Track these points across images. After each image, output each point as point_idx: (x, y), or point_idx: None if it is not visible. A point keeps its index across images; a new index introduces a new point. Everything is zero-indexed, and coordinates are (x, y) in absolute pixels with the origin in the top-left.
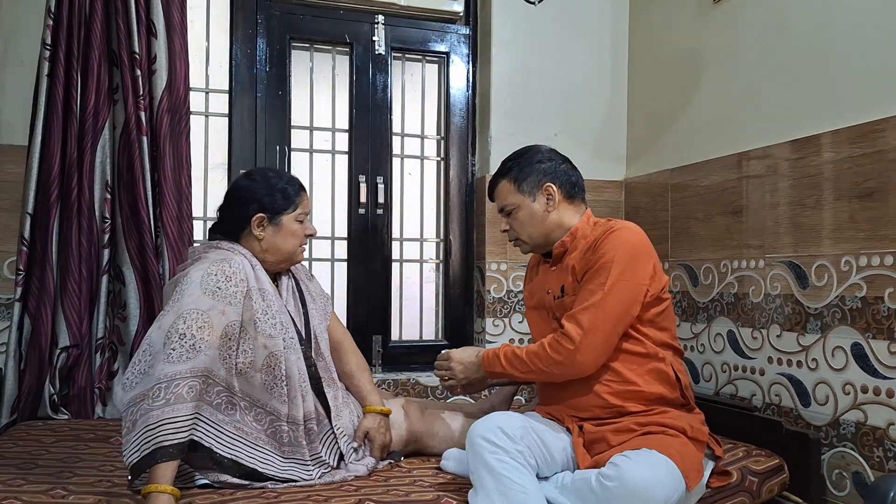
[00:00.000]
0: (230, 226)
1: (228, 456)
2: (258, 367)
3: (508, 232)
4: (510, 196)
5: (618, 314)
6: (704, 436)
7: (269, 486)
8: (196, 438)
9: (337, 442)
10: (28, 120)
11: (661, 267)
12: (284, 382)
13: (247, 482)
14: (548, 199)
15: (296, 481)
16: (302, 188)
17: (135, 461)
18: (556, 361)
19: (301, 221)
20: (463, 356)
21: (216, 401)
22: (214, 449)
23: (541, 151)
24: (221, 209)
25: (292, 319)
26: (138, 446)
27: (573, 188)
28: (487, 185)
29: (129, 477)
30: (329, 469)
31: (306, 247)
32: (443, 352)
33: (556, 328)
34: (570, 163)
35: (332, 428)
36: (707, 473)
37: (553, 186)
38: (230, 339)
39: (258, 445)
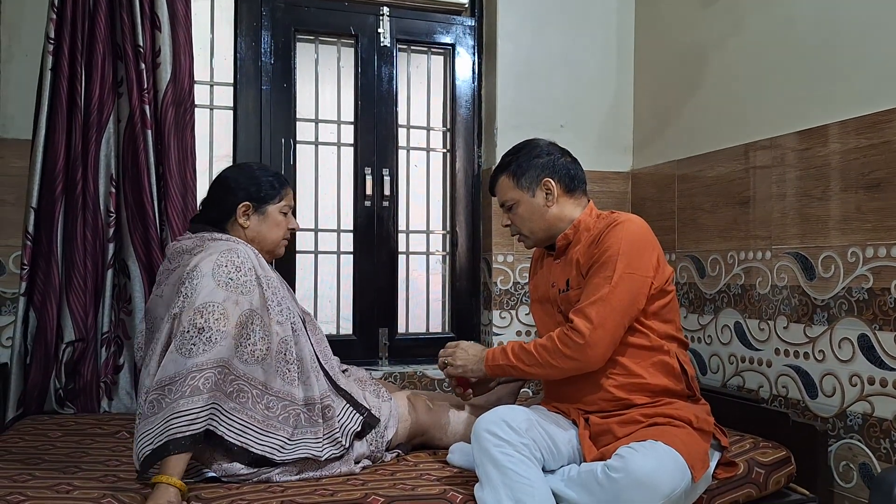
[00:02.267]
0: (216, 215)
1: (239, 444)
2: (273, 353)
3: (510, 227)
4: (509, 191)
5: (625, 307)
6: (710, 426)
7: (275, 478)
8: (210, 427)
9: (354, 415)
10: (32, 114)
11: (665, 259)
12: (296, 366)
13: (255, 470)
14: (547, 193)
15: (304, 459)
16: (287, 182)
17: (147, 453)
18: (566, 355)
19: (285, 214)
20: (468, 345)
21: (228, 389)
22: (226, 437)
23: (539, 146)
24: (207, 199)
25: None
26: (151, 438)
27: (573, 181)
28: (489, 179)
29: (138, 468)
30: (342, 449)
31: (287, 242)
32: (453, 342)
33: (561, 321)
34: (571, 156)
35: (349, 398)
36: (713, 464)
37: (551, 181)
38: (244, 327)
39: (268, 432)
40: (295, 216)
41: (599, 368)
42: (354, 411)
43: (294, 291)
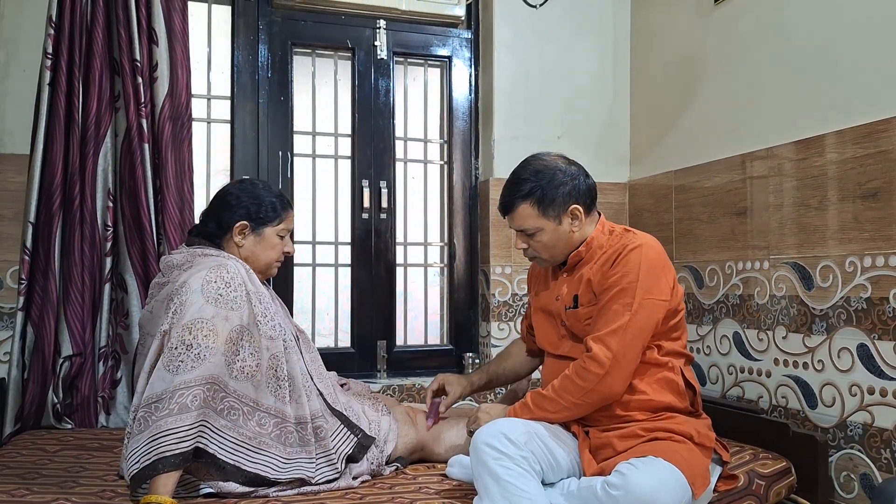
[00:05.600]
0: (213, 230)
1: (231, 462)
2: (263, 369)
3: (527, 251)
4: (531, 219)
5: (644, 334)
6: (711, 441)
7: (272, 494)
8: (200, 445)
9: (348, 437)
10: (30, 129)
11: (677, 279)
12: (287, 384)
13: (251, 489)
14: (573, 219)
15: (300, 480)
16: (290, 205)
17: (135, 471)
18: (587, 390)
19: (282, 237)
20: (488, 407)
21: (219, 406)
22: (218, 455)
23: (560, 169)
24: (206, 212)
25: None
26: (139, 456)
27: (593, 201)
28: (501, 201)
29: (129, 486)
30: (336, 472)
31: (280, 263)
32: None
33: (565, 335)
34: (584, 170)
35: (344, 420)
36: (714, 479)
37: (579, 207)
38: (234, 343)
39: (261, 450)
40: (293, 239)
41: None
42: (348, 432)
43: (291, 305)
